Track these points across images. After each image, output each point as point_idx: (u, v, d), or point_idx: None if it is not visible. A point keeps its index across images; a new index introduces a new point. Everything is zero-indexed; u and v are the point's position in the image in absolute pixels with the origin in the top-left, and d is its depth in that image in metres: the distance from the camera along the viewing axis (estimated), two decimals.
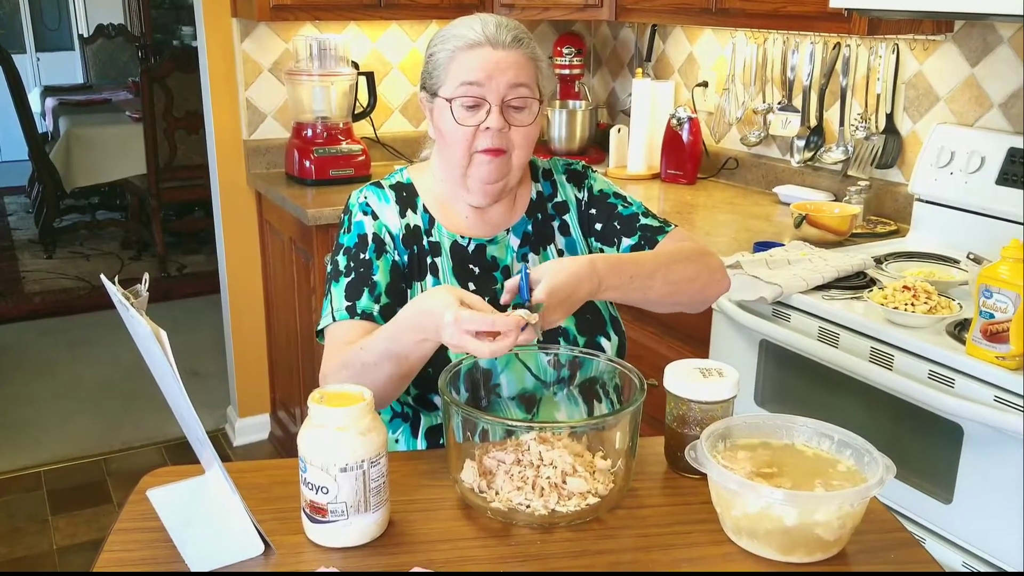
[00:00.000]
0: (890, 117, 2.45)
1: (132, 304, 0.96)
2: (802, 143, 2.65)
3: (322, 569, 1.03)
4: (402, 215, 1.48)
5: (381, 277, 1.43)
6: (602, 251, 1.54)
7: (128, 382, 3.98)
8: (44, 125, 6.55)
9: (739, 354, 2.03)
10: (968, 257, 2.09)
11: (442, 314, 1.16)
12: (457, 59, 1.39)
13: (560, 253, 1.53)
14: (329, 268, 1.47)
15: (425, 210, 1.49)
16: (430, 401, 1.44)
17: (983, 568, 1.62)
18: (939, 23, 2.26)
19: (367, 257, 1.44)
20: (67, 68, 8.51)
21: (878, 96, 2.46)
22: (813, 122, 2.64)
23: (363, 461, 1.04)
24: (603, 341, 1.47)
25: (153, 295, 1.01)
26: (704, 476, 1.12)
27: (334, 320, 1.40)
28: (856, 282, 1.96)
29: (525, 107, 1.41)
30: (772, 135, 2.83)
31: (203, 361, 4.07)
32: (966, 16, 2.15)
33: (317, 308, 2.75)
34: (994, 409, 1.54)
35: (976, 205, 2.16)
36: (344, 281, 1.43)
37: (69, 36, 8.76)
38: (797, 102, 2.69)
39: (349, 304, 1.40)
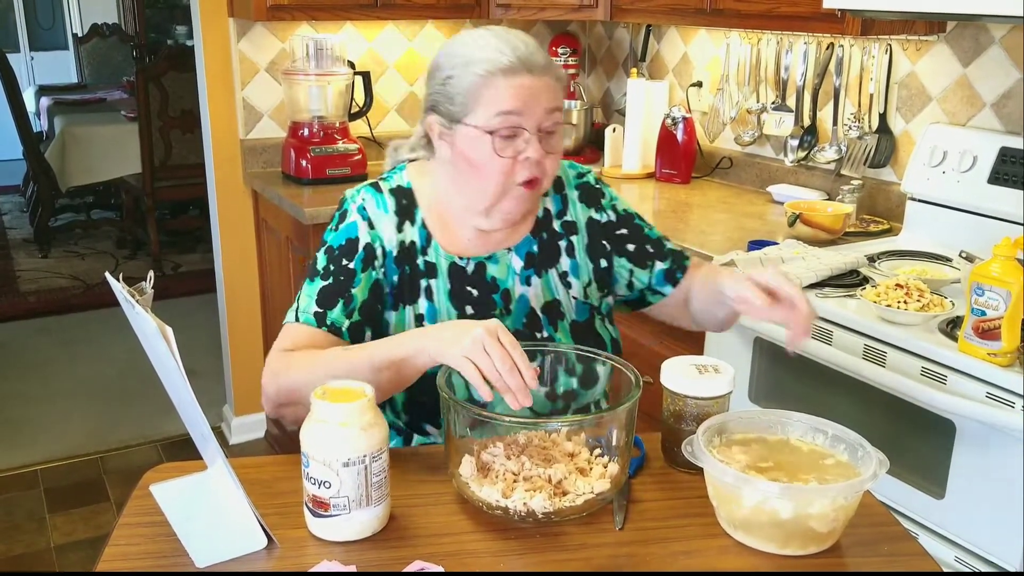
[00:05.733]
0: (883, 117, 2.47)
1: (138, 301, 0.97)
2: (796, 142, 2.67)
3: (324, 562, 1.05)
4: (399, 228, 1.41)
5: (360, 292, 1.37)
6: (631, 272, 1.52)
7: (124, 380, 3.98)
8: (39, 124, 6.54)
9: (733, 351, 2.05)
10: (960, 255, 2.11)
11: (482, 324, 1.15)
12: (492, 85, 1.30)
13: (563, 276, 1.47)
14: (309, 263, 1.42)
15: (423, 225, 1.43)
16: (423, 429, 1.43)
17: (975, 562, 1.64)
18: (931, 24, 2.28)
19: (351, 266, 1.38)
20: (61, 67, 8.49)
21: (871, 96, 2.48)
22: (806, 122, 2.66)
23: (365, 456, 1.06)
24: (598, 368, 1.39)
25: None
26: (700, 471, 1.13)
27: (298, 321, 1.37)
28: (849, 280, 1.97)
29: (556, 131, 1.35)
30: (766, 135, 2.85)
31: (198, 360, 4.06)
32: (958, 17, 2.17)
33: None
34: (986, 405, 1.56)
35: (968, 204, 2.17)
36: (320, 284, 1.38)
37: (63, 35, 8.74)
38: (791, 102, 2.70)
39: (319, 311, 1.36)
